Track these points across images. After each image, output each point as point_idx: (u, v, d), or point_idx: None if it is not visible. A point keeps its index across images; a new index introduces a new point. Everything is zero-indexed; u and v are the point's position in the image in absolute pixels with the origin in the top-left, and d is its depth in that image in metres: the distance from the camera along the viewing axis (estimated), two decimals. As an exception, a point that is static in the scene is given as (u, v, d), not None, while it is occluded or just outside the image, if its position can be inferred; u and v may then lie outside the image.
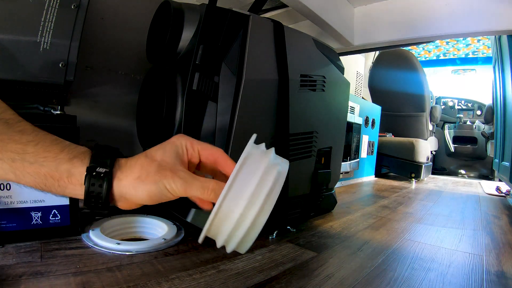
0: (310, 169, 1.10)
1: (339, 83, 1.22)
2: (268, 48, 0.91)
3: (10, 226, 0.72)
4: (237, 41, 0.85)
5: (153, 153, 0.39)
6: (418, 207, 1.65)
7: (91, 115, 1.11)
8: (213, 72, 0.83)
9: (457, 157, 3.98)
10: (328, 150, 1.18)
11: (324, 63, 1.13)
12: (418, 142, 2.63)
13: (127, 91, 1.19)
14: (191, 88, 0.81)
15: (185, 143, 0.41)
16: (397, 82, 2.85)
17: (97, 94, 1.13)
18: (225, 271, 0.71)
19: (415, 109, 2.91)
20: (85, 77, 1.09)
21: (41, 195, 0.75)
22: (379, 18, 1.45)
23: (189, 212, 0.86)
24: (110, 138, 1.15)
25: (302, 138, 1.03)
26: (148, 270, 0.68)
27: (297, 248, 0.91)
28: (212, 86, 0.82)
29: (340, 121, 1.25)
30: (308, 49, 1.06)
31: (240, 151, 0.38)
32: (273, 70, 0.92)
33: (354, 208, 1.51)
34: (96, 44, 1.11)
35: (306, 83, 1.02)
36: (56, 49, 0.82)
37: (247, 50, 0.85)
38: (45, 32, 0.81)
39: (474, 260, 0.90)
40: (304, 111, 1.03)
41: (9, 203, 0.71)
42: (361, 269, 0.79)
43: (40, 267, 0.63)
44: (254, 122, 0.88)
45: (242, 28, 0.86)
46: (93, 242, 0.78)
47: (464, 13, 1.25)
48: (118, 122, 1.17)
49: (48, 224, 0.76)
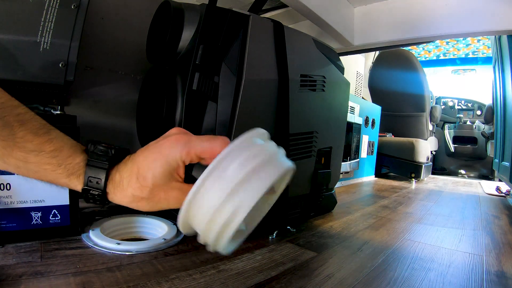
0: (310, 169, 1.10)
1: (339, 83, 1.22)
2: (268, 48, 0.91)
3: (10, 226, 0.72)
4: (237, 41, 0.85)
5: (145, 173, 0.37)
6: (418, 207, 1.65)
7: (91, 115, 1.12)
8: (213, 72, 0.83)
9: (457, 157, 3.98)
10: (328, 150, 1.18)
11: (324, 63, 1.13)
12: (418, 142, 2.62)
13: (127, 91, 1.19)
14: (191, 88, 0.81)
15: (180, 155, 0.37)
16: (397, 82, 2.85)
17: (97, 94, 1.13)
18: (225, 271, 0.71)
19: (415, 109, 2.91)
20: (85, 77, 1.09)
21: (41, 195, 0.75)
22: (379, 18, 1.45)
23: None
24: (110, 138, 1.15)
25: (302, 138, 1.03)
26: (148, 270, 0.68)
27: (297, 248, 0.91)
28: (212, 86, 0.82)
29: (340, 121, 1.25)
30: (308, 49, 1.06)
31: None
32: (273, 70, 0.92)
33: (354, 208, 1.51)
34: (96, 44, 1.11)
35: (306, 83, 1.02)
36: (56, 49, 0.82)
37: (247, 50, 0.85)
38: (45, 32, 0.81)
39: (474, 260, 0.90)
40: (304, 111, 1.03)
41: (9, 203, 0.71)
42: (361, 269, 0.79)
43: (40, 267, 0.63)
44: (254, 122, 0.88)
45: (242, 28, 0.86)
46: (93, 242, 0.78)
47: (464, 13, 1.25)
48: (118, 121, 1.17)
49: (48, 224, 0.76)
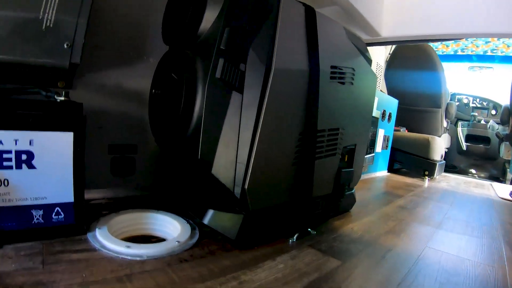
0: (334, 168, 1.02)
1: (368, 76, 1.13)
2: (299, 35, 0.82)
3: (9, 226, 0.64)
4: (266, 25, 0.76)
5: None
6: (435, 210, 1.60)
7: (98, 99, 1.02)
8: (239, 59, 0.74)
9: (469, 155, 3.89)
10: (353, 148, 1.10)
11: (354, 54, 1.04)
12: (434, 140, 2.54)
13: (139, 73, 1.09)
14: (213, 75, 0.72)
15: None
16: (415, 75, 2.74)
17: (105, 77, 1.03)
18: (247, 283, 0.64)
19: (431, 104, 2.81)
20: (93, 58, 0.99)
21: (43, 192, 0.67)
22: (411, 9, 1.35)
23: (206, 213, 0.78)
24: (120, 125, 1.06)
25: (328, 135, 0.94)
26: (162, 280, 0.61)
27: (319, 255, 0.84)
28: (238, 74, 0.73)
29: (366, 117, 1.17)
30: (339, 38, 0.97)
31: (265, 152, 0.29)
32: (303, 60, 0.82)
33: (371, 207, 1.45)
34: (104, 22, 1.01)
35: (335, 75, 0.93)
36: (61, 27, 0.73)
37: (277, 36, 0.75)
38: (48, 8, 0.71)
39: (497, 274, 0.86)
40: (332, 106, 0.94)
41: (7, 201, 0.63)
42: (389, 283, 0.73)
43: (43, 275, 0.55)
44: (282, 118, 0.79)
45: (272, 11, 0.77)
46: (100, 243, 0.71)
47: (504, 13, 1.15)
48: (128, 107, 1.08)
49: (51, 223, 0.69)
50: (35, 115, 0.66)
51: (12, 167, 0.64)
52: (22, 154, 0.65)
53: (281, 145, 0.80)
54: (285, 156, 0.82)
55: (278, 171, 0.82)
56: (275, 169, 0.81)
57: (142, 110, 1.08)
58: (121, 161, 1.06)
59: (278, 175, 0.83)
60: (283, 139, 0.80)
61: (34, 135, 0.66)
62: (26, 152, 0.65)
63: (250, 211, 0.78)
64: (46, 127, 0.67)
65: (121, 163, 1.06)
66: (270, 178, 0.80)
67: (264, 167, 0.76)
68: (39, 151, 0.67)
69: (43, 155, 0.67)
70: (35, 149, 0.66)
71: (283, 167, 0.82)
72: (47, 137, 0.68)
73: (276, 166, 0.80)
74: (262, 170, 0.76)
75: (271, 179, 0.80)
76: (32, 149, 0.66)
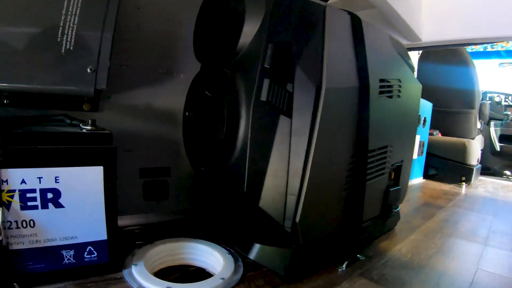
0: (382, 188, 0.94)
1: (413, 86, 1.04)
2: (347, 48, 0.75)
3: (38, 268, 0.59)
4: (312, 38, 0.69)
5: None
6: (478, 222, 1.52)
7: (127, 120, 0.97)
8: (285, 79, 0.67)
9: (503, 156, 3.71)
10: (400, 165, 1.02)
11: (399, 63, 0.95)
12: (470, 143, 2.41)
13: (169, 91, 1.03)
14: (258, 98, 0.66)
15: None
16: (446, 75, 2.62)
17: (133, 96, 0.98)
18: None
19: (464, 105, 2.67)
20: (120, 77, 0.94)
21: (72, 231, 0.61)
22: (449, 12, 1.25)
23: (252, 247, 0.72)
24: (151, 146, 1.01)
25: (377, 155, 0.87)
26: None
27: (373, 286, 0.76)
28: (285, 96, 0.66)
29: (412, 130, 1.08)
30: (385, 48, 0.89)
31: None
32: (353, 76, 0.75)
33: (415, 223, 1.36)
34: (131, 39, 0.95)
35: (384, 89, 0.85)
36: (82, 49, 0.67)
37: (325, 51, 0.68)
38: (67, 28, 0.65)
39: None
40: (380, 123, 0.86)
41: (34, 242, 0.58)
42: None
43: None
44: (334, 141, 0.72)
45: (317, 23, 0.69)
46: (137, 284, 0.65)
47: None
48: (159, 129, 1.02)
49: (83, 263, 0.63)
50: (59, 150, 0.61)
51: (37, 207, 0.59)
52: (47, 193, 0.60)
53: (333, 171, 0.73)
54: (337, 182, 0.75)
55: (330, 200, 0.75)
56: (327, 198, 0.73)
57: (174, 129, 1.02)
58: (154, 184, 1.01)
59: (330, 204, 0.75)
60: (335, 164, 0.73)
61: (59, 172, 0.61)
62: (51, 190, 0.60)
63: (300, 244, 0.71)
64: (73, 162, 0.62)
65: (154, 187, 1.01)
66: (322, 208, 0.73)
67: (316, 197, 0.69)
68: (66, 188, 0.61)
69: (71, 193, 0.62)
70: (62, 187, 0.61)
71: (335, 194, 0.75)
72: (74, 173, 0.62)
73: (328, 194, 0.73)
74: (314, 200, 0.69)
75: (323, 209, 0.73)
76: (58, 186, 0.60)
